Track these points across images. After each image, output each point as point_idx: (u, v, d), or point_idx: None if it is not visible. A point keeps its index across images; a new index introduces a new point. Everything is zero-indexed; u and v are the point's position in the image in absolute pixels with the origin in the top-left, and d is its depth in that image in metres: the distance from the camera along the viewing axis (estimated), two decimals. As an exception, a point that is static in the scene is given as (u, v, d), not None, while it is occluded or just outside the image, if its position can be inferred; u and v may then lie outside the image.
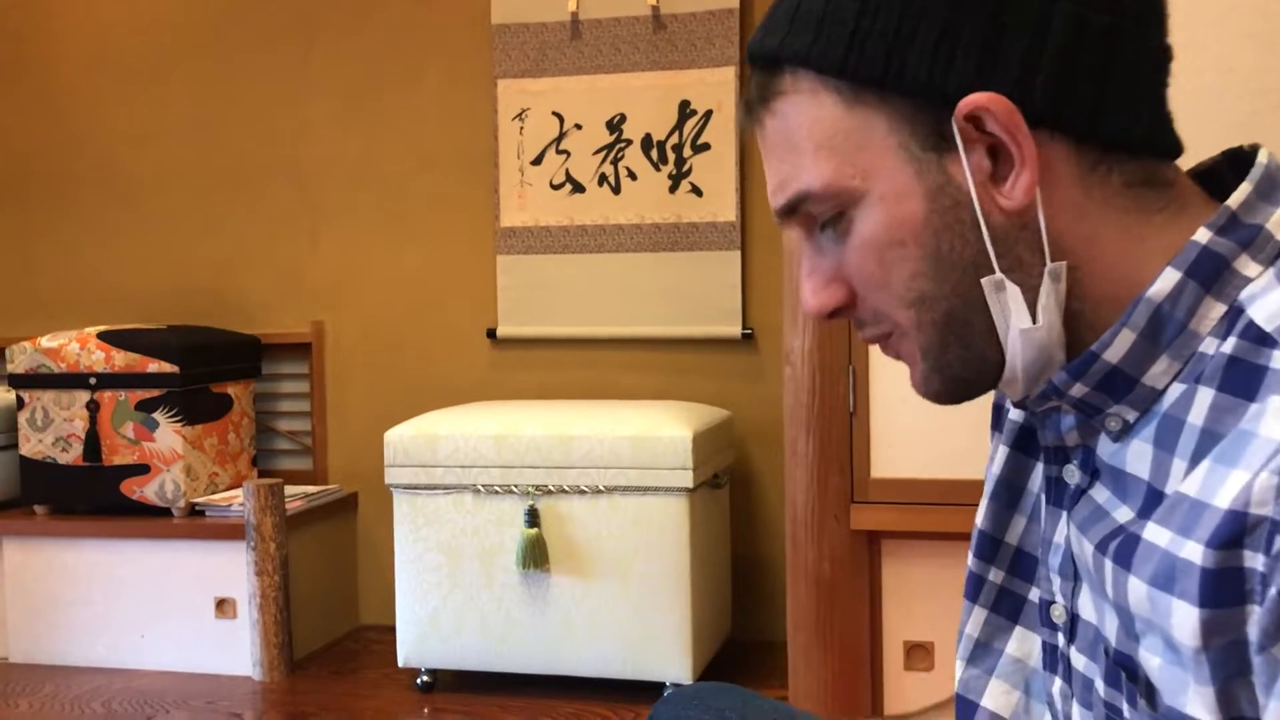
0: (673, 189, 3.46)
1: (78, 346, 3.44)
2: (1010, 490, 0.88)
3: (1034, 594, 0.85)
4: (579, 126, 3.51)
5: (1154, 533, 0.67)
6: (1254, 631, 0.61)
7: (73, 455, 3.44)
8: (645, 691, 2.97)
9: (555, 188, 3.55)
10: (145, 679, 3.31)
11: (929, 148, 0.72)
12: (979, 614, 0.88)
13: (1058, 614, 0.80)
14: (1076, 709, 0.77)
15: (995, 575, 0.88)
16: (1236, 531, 0.62)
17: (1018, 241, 0.72)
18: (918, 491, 2.22)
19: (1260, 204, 0.70)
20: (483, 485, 3.01)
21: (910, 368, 0.78)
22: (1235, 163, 0.77)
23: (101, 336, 3.45)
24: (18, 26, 3.98)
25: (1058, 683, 0.81)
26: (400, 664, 3.12)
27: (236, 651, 3.30)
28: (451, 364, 3.68)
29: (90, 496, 3.46)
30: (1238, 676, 0.62)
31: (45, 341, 3.47)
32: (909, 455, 2.25)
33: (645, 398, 3.45)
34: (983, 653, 0.88)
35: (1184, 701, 0.65)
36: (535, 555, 2.96)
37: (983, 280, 0.73)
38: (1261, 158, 0.73)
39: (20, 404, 3.49)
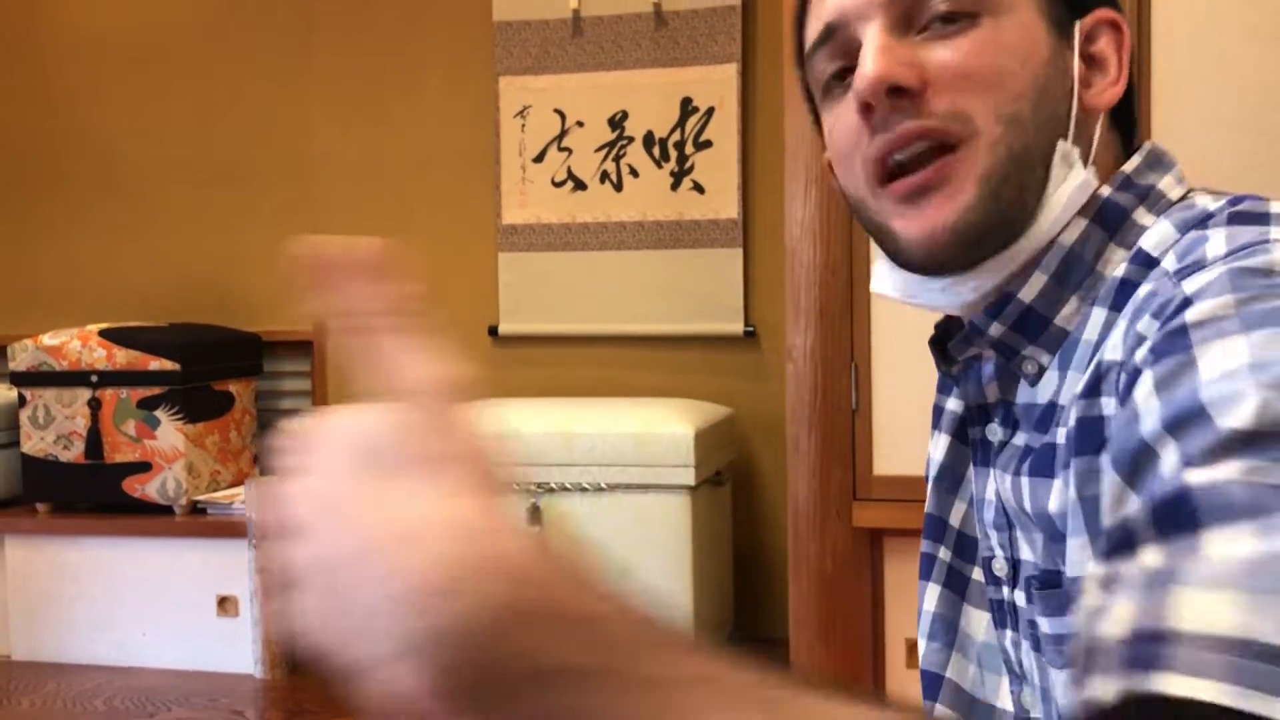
0: (675, 186, 3.45)
1: (79, 344, 3.44)
2: (951, 476, 0.91)
3: (975, 573, 0.89)
4: (581, 124, 3.51)
5: (1052, 435, 0.73)
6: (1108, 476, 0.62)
7: (74, 453, 3.44)
8: (647, 689, 2.97)
9: (557, 185, 3.54)
10: (147, 677, 3.31)
11: (1055, 29, 0.77)
12: (933, 590, 0.92)
13: (999, 567, 0.83)
14: (1026, 651, 0.81)
15: (944, 554, 0.92)
16: (1094, 380, 0.69)
17: (1081, 132, 0.78)
18: (920, 488, 2.21)
19: (1148, 171, 0.78)
20: (484, 483, 3.01)
21: (942, 195, 0.75)
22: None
23: (103, 334, 3.45)
24: (20, 24, 3.98)
25: (1009, 634, 0.84)
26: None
27: (238, 649, 3.30)
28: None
29: (92, 494, 3.46)
30: (1099, 517, 0.67)
31: (47, 339, 3.47)
32: (911, 452, 2.24)
33: (647, 395, 3.45)
34: (942, 626, 0.91)
35: (1065, 564, 0.70)
36: (537, 553, 2.95)
37: (1060, 142, 0.76)
38: (1148, 145, 0.81)
39: (22, 402, 3.49)
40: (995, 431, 0.83)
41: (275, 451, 0.45)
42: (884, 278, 0.84)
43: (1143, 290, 0.70)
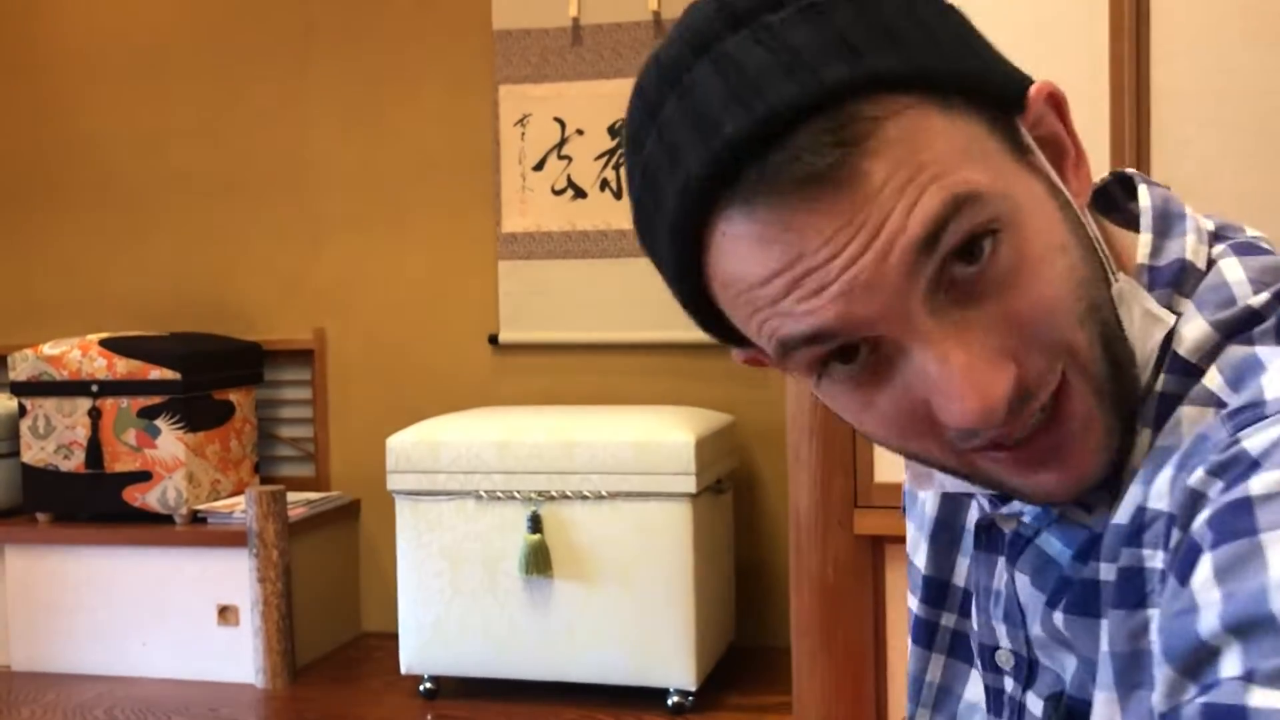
0: (674, 194, 3.45)
1: (79, 354, 3.43)
2: (949, 531, 0.82)
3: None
4: (580, 132, 3.51)
5: (1092, 571, 0.65)
6: (1155, 632, 0.58)
7: (75, 462, 3.44)
8: (648, 698, 2.96)
9: (557, 193, 3.54)
10: (147, 687, 3.30)
11: (1018, 152, 0.64)
12: (938, 660, 0.84)
13: (1004, 659, 0.76)
14: None
15: (947, 619, 0.83)
16: (1136, 528, 0.61)
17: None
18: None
19: (1165, 243, 0.68)
20: (485, 491, 3.01)
21: (1078, 443, 0.63)
22: (1122, 183, 0.74)
23: (103, 344, 3.45)
24: (20, 33, 3.99)
25: None
26: (403, 671, 3.11)
27: (239, 659, 3.29)
28: (454, 370, 3.67)
29: (92, 504, 3.46)
30: (1139, 689, 0.60)
31: (47, 349, 3.47)
32: (912, 459, 2.24)
33: (648, 403, 3.44)
34: (945, 697, 0.84)
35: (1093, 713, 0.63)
36: (538, 561, 2.95)
37: (1115, 286, 0.64)
38: (1144, 201, 0.70)
39: (22, 411, 3.49)
40: (1010, 522, 0.73)
41: None
42: (942, 479, 0.73)
43: (1188, 423, 0.61)
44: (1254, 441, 0.56)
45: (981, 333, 0.59)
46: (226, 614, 3.33)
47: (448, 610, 3.04)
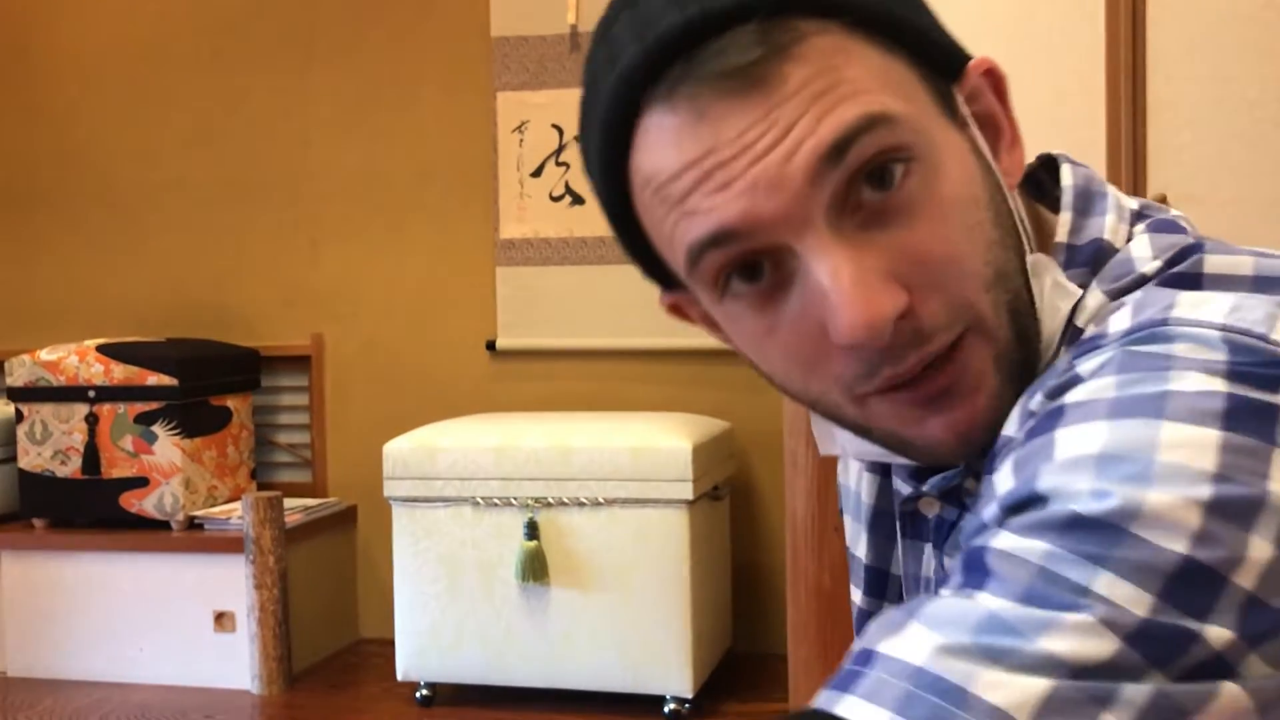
0: (672, 201, 3.45)
1: (77, 359, 3.43)
2: (888, 518, 0.81)
3: None
4: (578, 139, 3.51)
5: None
6: None
7: (71, 468, 3.44)
8: (645, 705, 2.96)
9: (555, 200, 3.55)
10: (143, 693, 3.30)
11: (949, 113, 0.65)
12: None
13: None
14: None
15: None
16: (990, 460, 0.63)
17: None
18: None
19: (1084, 222, 0.68)
20: (482, 498, 3.01)
21: (967, 396, 0.63)
22: (1049, 167, 0.74)
23: (100, 349, 3.45)
24: (19, 41, 3.99)
25: None
26: (399, 677, 3.11)
27: (235, 665, 3.29)
28: (451, 376, 3.67)
29: (89, 509, 3.46)
30: None
31: (44, 354, 3.47)
32: (909, 466, 2.24)
33: (645, 409, 3.45)
34: None
35: None
36: (535, 568, 2.95)
37: (1030, 258, 0.65)
38: (1065, 179, 0.70)
39: (19, 417, 3.49)
40: (933, 506, 0.73)
41: None
42: (843, 442, 0.73)
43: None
44: (1085, 365, 0.58)
45: (878, 255, 0.60)
46: (223, 620, 3.33)
47: (444, 617, 3.04)
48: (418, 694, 3.13)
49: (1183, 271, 0.63)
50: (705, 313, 0.72)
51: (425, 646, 3.07)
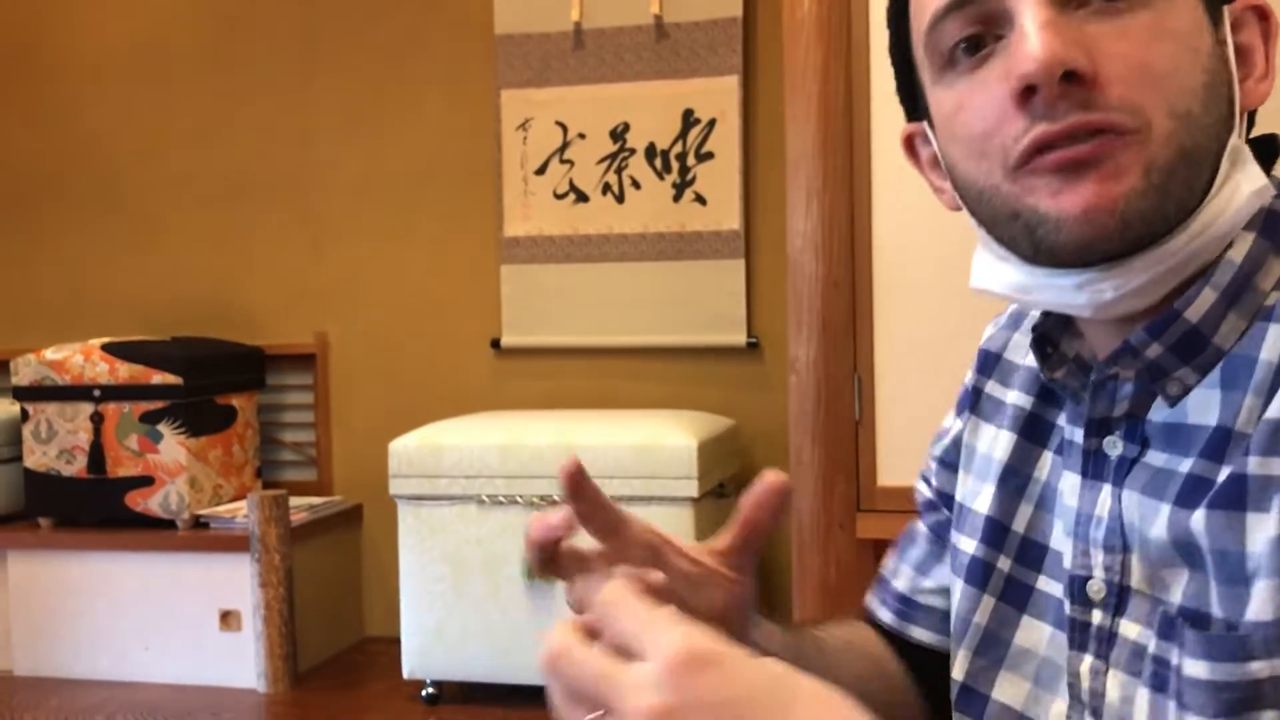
0: (676, 198, 3.45)
1: (82, 358, 3.44)
2: (1018, 477, 0.85)
3: (1041, 582, 0.84)
4: (582, 136, 3.51)
5: (1240, 465, 0.67)
6: None
7: (77, 467, 3.44)
8: (651, 702, 2.96)
9: (559, 197, 3.54)
10: (149, 692, 3.30)
11: (1210, 15, 0.72)
12: (988, 602, 0.86)
13: (1096, 589, 0.77)
14: (1115, 680, 0.76)
15: (1004, 563, 0.85)
16: None
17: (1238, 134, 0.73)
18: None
19: None
20: (487, 495, 3.01)
21: (1108, 175, 0.68)
22: (1263, 143, 0.78)
23: (105, 348, 3.45)
24: (23, 40, 3.99)
25: (1088, 660, 0.78)
26: (405, 676, 3.11)
27: (241, 664, 3.29)
28: (455, 374, 3.67)
29: (94, 509, 3.46)
30: None
31: (49, 353, 3.47)
32: (915, 463, 2.23)
33: (649, 407, 3.44)
34: (991, 642, 0.86)
35: (1249, 609, 0.66)
36: (540, 566, 2.94)
37: (1232, 140, 0.71)
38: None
39: (24, 416, 3.49)
40: (1115, 445, 0.77)
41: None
42: (991, 271, 0.78)
43: None
44: None
45: (1082, 32, 0.68)
46: (229, 619, 3.33)
47: (450, 615, 3.04)
48: (423, 692, 3.13)
49: None
50: (932, 154, 0.80)
51: (431, 644, 3.06)
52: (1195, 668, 0.68)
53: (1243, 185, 0.70)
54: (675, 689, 0.53)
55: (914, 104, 0.81)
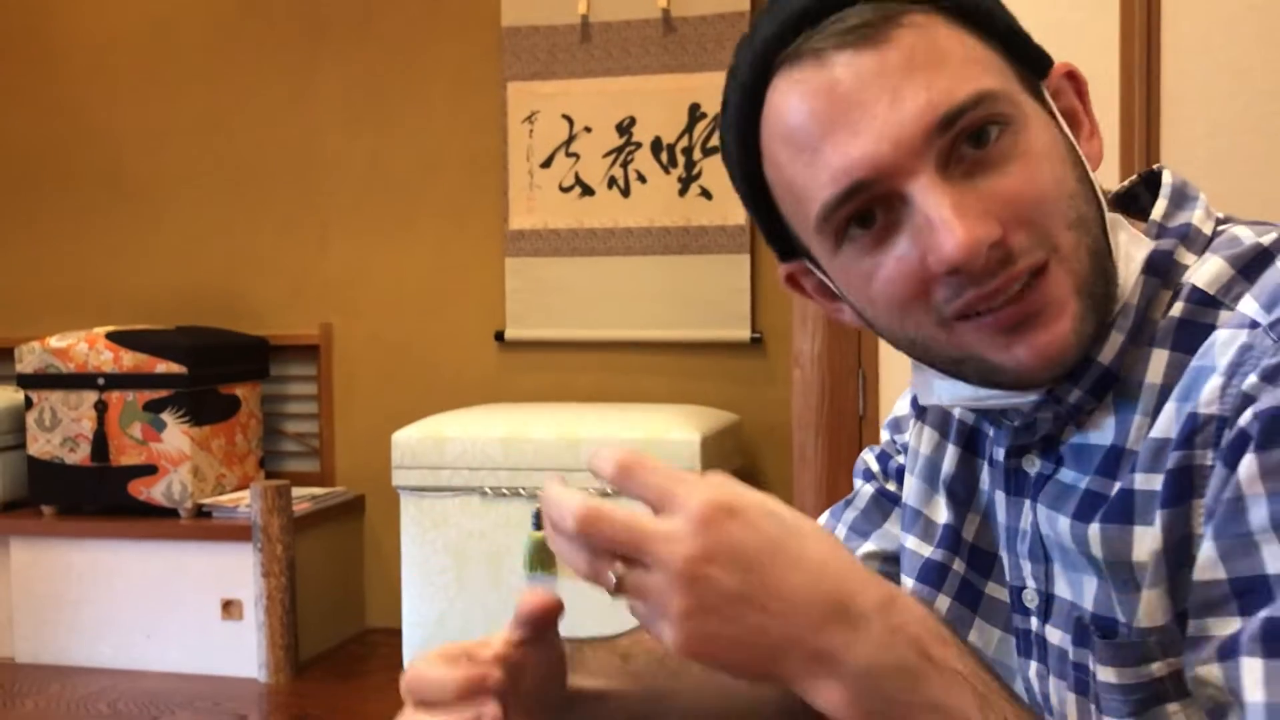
0: (682, 192, 3.45)
1: (86, 347, 3.44)
2: (965, 489, 0.89)
3: (989, 588, 0.88)
4: (588, 129, 3.51)
5: (1128, 481, 0.73)
6: (1199, 518, 0.69)
7: (80, 455, 3.44)
8: (652, 696, 2.96)
9: (564, 190, 3.54)
10: (151, 680, 3.31)
11: (1038, 98, 0.76)
12: (944, 600, 0.89)
13: (1030, 598, 0.83)
14: (1053, 684, 0.81)
15: (959, 566, 0.89)
16: (1187, 434, 0.69)
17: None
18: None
19: (1177, 211, 0.78)
20: (490, 488, 3.01)
21: (1054, 319, 0.72)
22: (1149, 183, 0.84)
23: (110, 337, 3.45)
24: (31, 28, 3.99)
25: (1034, 665, 0.83)
26: (406, 667, 3.11)
27: (242, 653, 3.29)
28: (459, 366, 3.67)
29: (97, 497, 3.46)
30: (1184, 568, 0.69)
31: (54, 341, 3.48)
32: (918, 459, 2.23)
33: (653, 401, 3.44)
34: None
35: (1140, 616, 0.72)
36: (542, 558, 2.95)
37: (1109, 215, 0.76)
38: (1166, 177, 0.80)
39: (28, 404, 3.49)
40: (1033, 463, 0.81)
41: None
42: (939, 391, 0.82)
43: (1223, 344, 0.70)
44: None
45: (976, 196, 0.71)
46: (230, 608, 3.34)
47: (452, 606, 3.04)
48: (424, 683, 3.13)
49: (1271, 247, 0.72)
50: (818, 282, 0.83)
51: (433, 636, 3.07)
52: (1106, 673, 0.74)
53: (1132, 252, 0.76)
54: (706, 537, 0.61)
55: (786, 244, 0.82)
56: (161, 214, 3.90)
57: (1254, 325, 0.69)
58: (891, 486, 1.00)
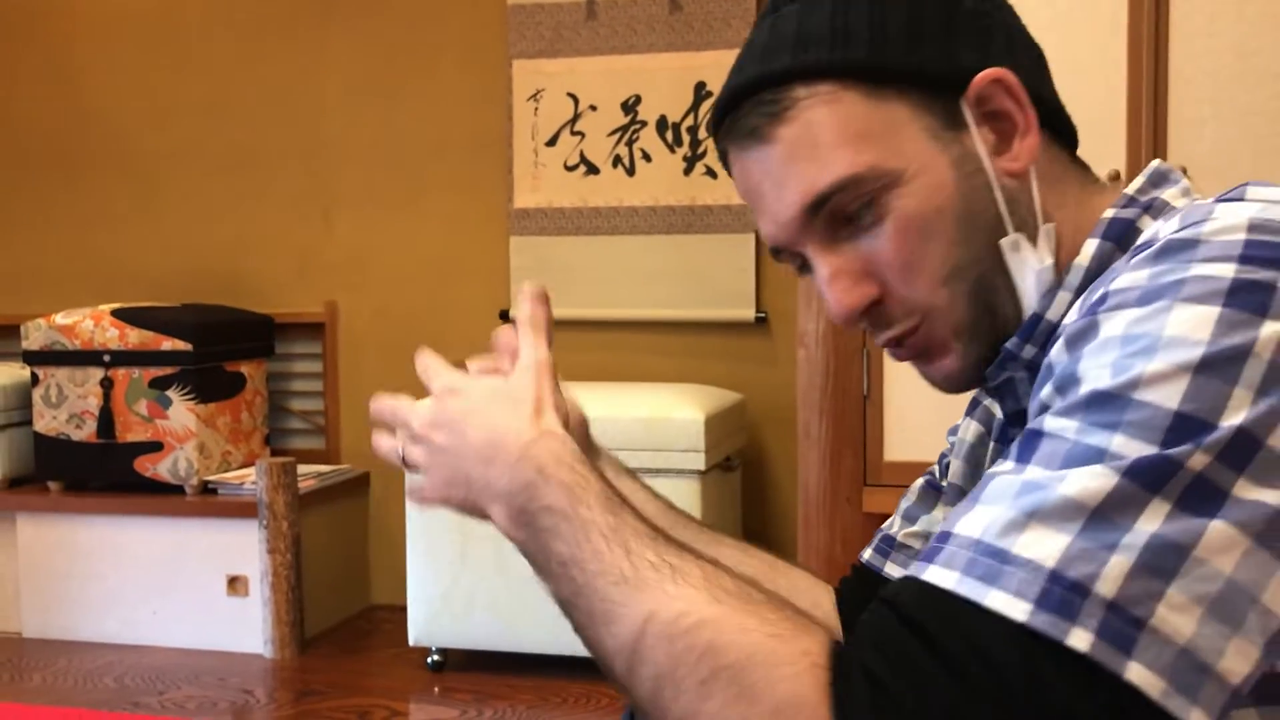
0: (687, 171, 3.45)
1: (92, 323, 3.45)
2: (974, 458, 0.99)
3: None
4: (594, 108, 3.50)
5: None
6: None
7: (86, 432, 3.46)
8: (655, 673, 2.97)
9: (569, 169, 3.54)
10: (157, 655, 3.33)
11: (947, 127, 0.81)
12: None
13: None
14: None
15: None
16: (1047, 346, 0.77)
17: (1019, 203, 0.82)
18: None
19: (1151, 188, 0.82)
20: (495, 466, 3.01)
21: (938, 357, 0.83)
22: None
23: (116, 314, 3.46)
24: (35, 6, 3.98)
25: None
26: (411, 643, 3.13)
27: (248, 629, 3.31)
28: (464, 345, 3.65)
29: (103, 473, 3.47)
30: None
31: (60, 318, 3.48)
32: (921, 438, 2.24)
33: (658, 380, 3.45)
34: None
35: None
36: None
37: (1001, 241, 0.81)
38: (1155, 163, 0.85)
39: (35, 380, 3.50)
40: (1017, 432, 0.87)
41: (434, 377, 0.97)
42: None
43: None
44: (1135, 260, 0.69)
45: (853, 260, 0.82)
46: (236, 584, 3.35)
47: (456, 583, 3.06)
48: (429, 659, 3.15)
49: (1228, 195, 0.75)
50: None
51: (437, 612, 3.08)
52: None
53: (1027, 273, 0.81)
54: (434, 409, 0.94)
55: None
56: (167, 191, 3.90)
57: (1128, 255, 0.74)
58: (943, 481, 1.08)
